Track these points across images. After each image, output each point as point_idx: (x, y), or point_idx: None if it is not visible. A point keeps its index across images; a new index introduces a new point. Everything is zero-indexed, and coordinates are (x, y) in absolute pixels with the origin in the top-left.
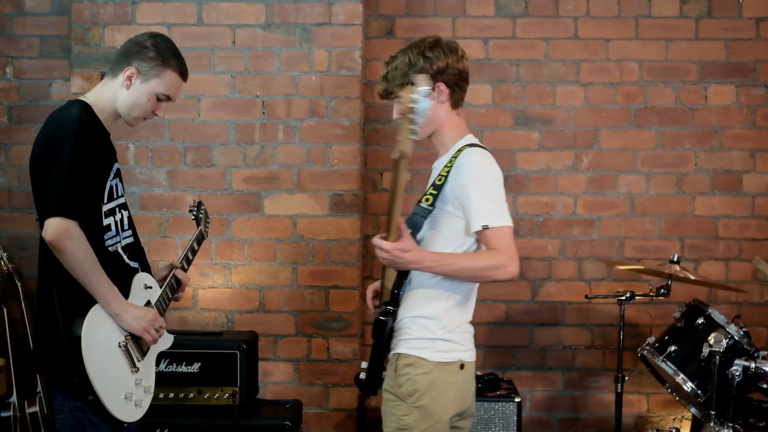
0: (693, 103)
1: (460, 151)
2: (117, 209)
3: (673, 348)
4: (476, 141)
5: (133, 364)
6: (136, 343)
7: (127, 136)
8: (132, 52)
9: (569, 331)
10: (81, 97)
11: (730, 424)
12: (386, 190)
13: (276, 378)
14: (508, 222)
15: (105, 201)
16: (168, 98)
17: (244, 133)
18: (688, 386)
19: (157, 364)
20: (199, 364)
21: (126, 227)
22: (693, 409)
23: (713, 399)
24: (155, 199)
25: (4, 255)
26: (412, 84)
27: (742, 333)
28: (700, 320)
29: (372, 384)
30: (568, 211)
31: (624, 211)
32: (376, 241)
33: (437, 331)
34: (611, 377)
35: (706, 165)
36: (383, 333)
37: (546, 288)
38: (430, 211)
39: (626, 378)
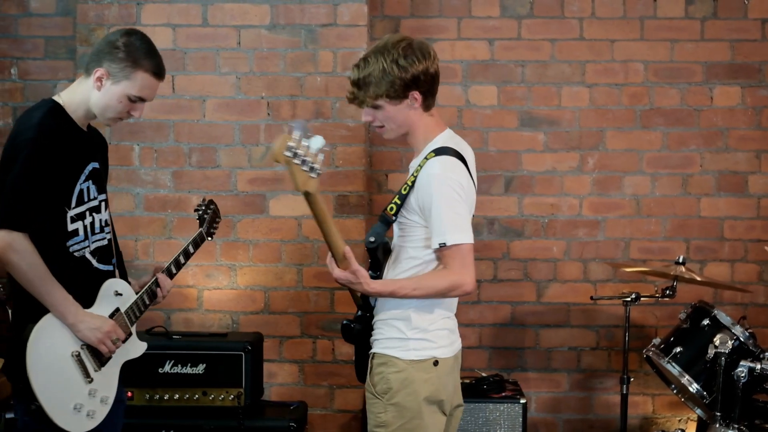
0: (698, 104)
1: (426, 159)
2: (87, 213)
3: (678, 349)
4: (447, 142)
5: (86, 375)
6: (94, 353)
7: (132, 137)
8: (103, 53)
9: (574, 332)
10: (55, 96)
11: (736, 426)
12: (391, 192)
13: (281, 379)
14: (464, 239)
15: (73, 205)
16: (141, 99)
17: (249, 134)
18: (694, 387)
19: (161, 365)
20: (204, 365)
21: (98, 230)
22: (698, 411)
23: (719, 400)
24: (160, 200)
25: None
26: (383, 96)
27: (747, 334)
28: (706, 321)
29: (358, 372)
30: (574, 212)
31: (629, 212)
32: (329, 262)
33: (408, 332)
34: (617, 378)
35: (711, 166)
36: (349, 336)
37: (551, 289)
38: (392, 221)
39: (632, 379)
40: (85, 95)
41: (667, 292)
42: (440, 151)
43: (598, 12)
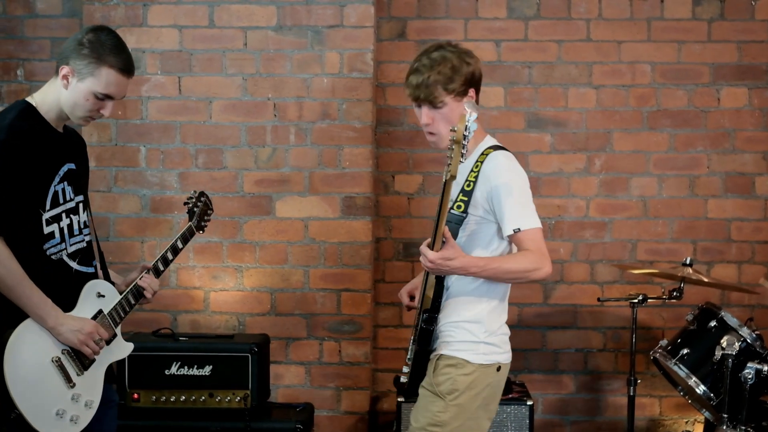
0: (705, 106)
1: (485, 154)
2: (64, 215)
3: (685, 351)
4: (496, 142)
5: (68, 380)
6: (76, 357)
7: (139, 139)
8: (69, 50)
9: (581, 334)
10: (28, 97)
11: (743, 427)
12: (398, 193)
13: (287, 381)
14: (538, 224)
15: (48, 207)
16: (109, 97)
17: (256, 136)
18: (701, 389)
19: (168, 367)
20: (211, 367)
21: (76, 232)
22: (705, 413)
23: (726, 402)
24: (166, 201)
25: None
26: (448, 92)
27: (754, 336)
28: (713, 323)
29: (414, 387)
30: (581, 214)
31: (636, 213)
32: (423, 248)
33: (480, 335)
34: (624, 380)
35: (718, 167)
36: (429, 341)
37: (558, 291)
38: (464, 218)
39: (639, 381)
40: (56, 95)
41: (674, 293)
42: (497, 148)
43: (605, 13)
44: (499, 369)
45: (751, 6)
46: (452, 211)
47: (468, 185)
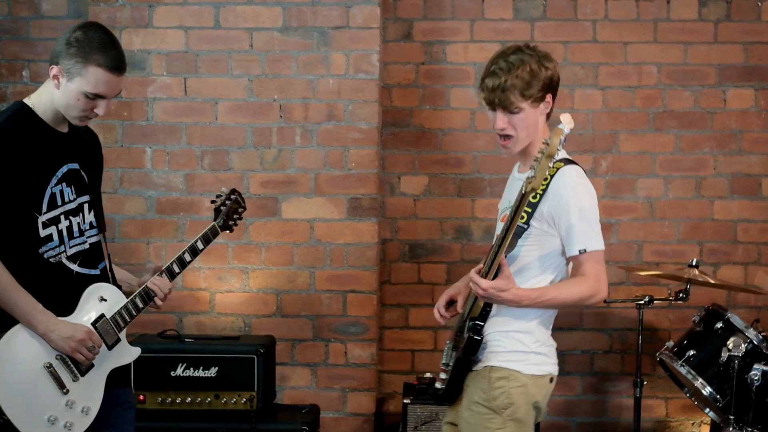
0: (712, 107)
1: (555, 168)
2: (62, 217)
3: (691, 352)
4: (567, 155)
5: (62, 386)
6: (72, 362)
7: (144, 140)
8: (57, 49)
9: (587, 335)
10: (26, 98)
11: (749, 429)
12: (404, 194)
13: (293, 383)
14: (602, 245)
15: (44, 210)
16: (100, 96)
17: (262, 137)
18: (707, 391)
19: (174, 368)
20: (216, 368)
21: (76, 234)
22: (712, 414)
23: (732, 403)
24: (172, 203)
25: None
26: (525, 98)
27: (761, 337)
28: (719, 324)
29: (451, 395)
30: None
31: (642, 215)
32: (475, 277)
33: (531, 345)
34: (630, 382)
35: (724, 169)
36: (476, 351)
37: None
38: (525, 230)
39: (645, 382)
40: (50, 96)
41: (681, 295)
42: (568, 162)
43: (611, 14)
44: (551, 380)
45: (757, 7)
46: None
47: (534, 197)
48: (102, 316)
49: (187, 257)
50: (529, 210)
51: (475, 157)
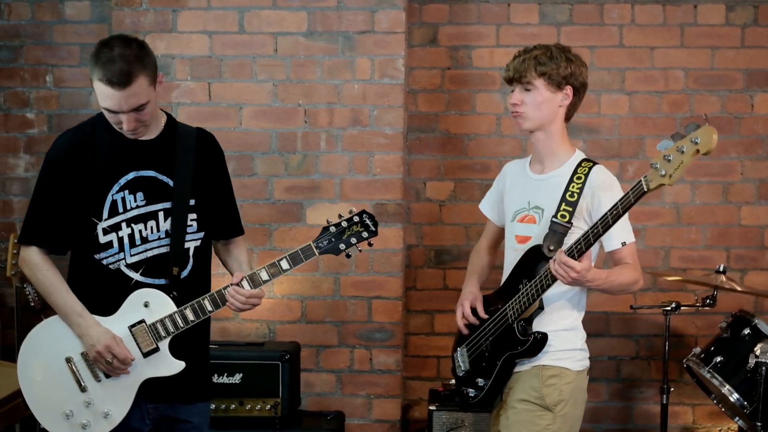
0: (739, 112)
1: (585, 167)
2: (123, 224)
3: (718, 359)
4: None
5: (80, 383)
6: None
7: None
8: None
9: (614, 341)
10: None
11: None
12: (429, 200)
13: (318, 389)
14: (634, 238)
15: (105, 217)
16: (112, 111)
17: (286, 142)
18: (734, 397)
19: None
20: (241, 375)
21: (138, 242)
22: (739, 421)
23: (759, 410)
24: None
25: None
26: (539, 75)
27: None
28: (746, 331)
29: (490, 400)
30: None
31: (669, 220)
32: (566, 258)
33: (577, 342)
34: (656, 388)
35: (752, 174)
36: (541, 349)
37: (590, 298)
38: (569, 228)
39: (672, 389)
40: None
41: (708, 301)
42: (594, 161)
43: (638, 19)
44: (588, 373)
45: None
46: (555, 219)
47: (571, 195)
48: (141, 321)
49: (264, 276)
50: (570, 209)
51: (501, 163)
